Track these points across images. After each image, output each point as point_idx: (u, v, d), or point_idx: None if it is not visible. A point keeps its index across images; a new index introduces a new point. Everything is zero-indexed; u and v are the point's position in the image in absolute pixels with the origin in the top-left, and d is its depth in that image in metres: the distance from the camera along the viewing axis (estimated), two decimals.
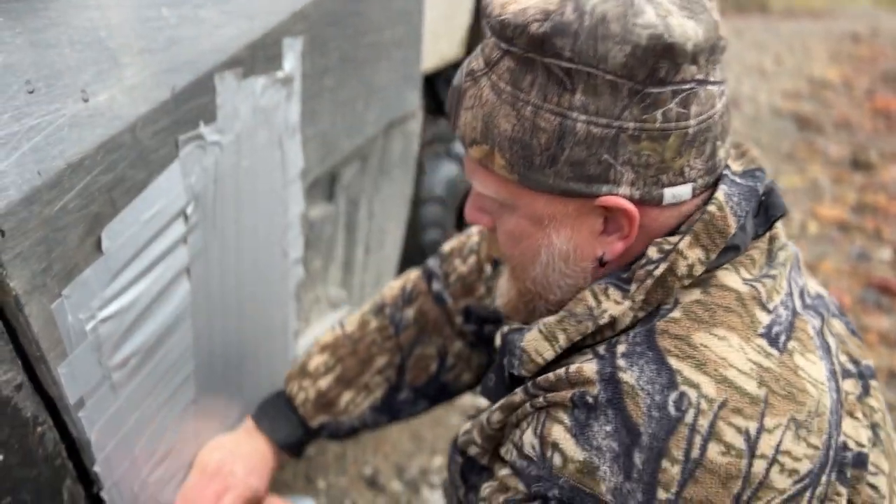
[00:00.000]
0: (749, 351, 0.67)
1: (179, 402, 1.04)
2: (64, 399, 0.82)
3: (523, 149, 0.69)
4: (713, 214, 0.70)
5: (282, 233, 1.22)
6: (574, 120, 0.67)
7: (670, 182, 0.69)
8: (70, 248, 0.78)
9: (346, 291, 1.70)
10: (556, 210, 0.72)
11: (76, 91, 0.78)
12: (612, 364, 0.69)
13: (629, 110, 0.66)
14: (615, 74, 0.65)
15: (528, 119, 0.68)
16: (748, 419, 0.64)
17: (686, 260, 0.70)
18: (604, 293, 0.73)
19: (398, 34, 1.50)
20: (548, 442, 0.70)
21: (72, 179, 0.77)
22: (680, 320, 0.69)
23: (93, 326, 0.84)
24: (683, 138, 0.67)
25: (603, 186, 0.69)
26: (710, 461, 0.63)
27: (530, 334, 0.75)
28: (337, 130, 1.34)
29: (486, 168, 0.74)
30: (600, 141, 0.66)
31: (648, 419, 0.65)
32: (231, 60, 0.99)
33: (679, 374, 0.66)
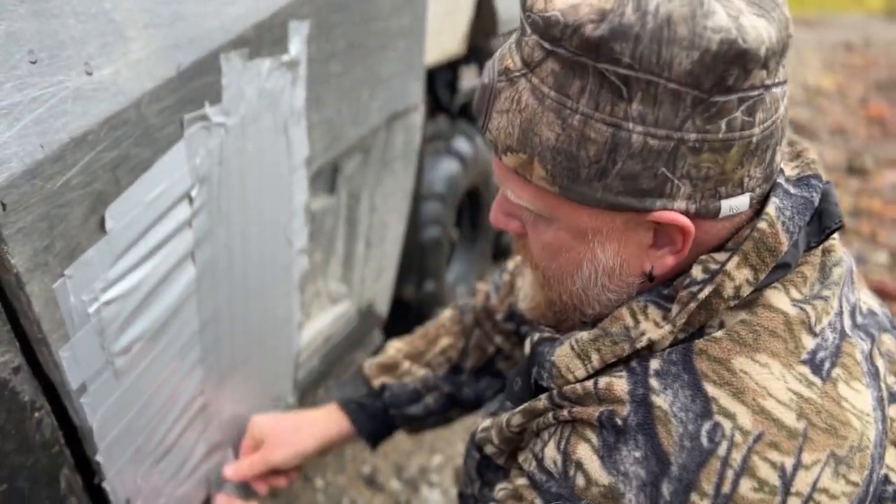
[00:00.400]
0: (790, 380, 0.63)
1: (185, 391, 1.01)
2: (66, 384, 0.79)
3: (568, 160, 0.62)
4: (764, 232, 0.64)
5: (287, 221, 1.19)
6: (629, 131, 0.60)
7: (728, 194, 0.63)
8: (73, 226, 0.76)
9: (347, 286, 1.67)
10: (603, 224, 0.66)
11: (80, 63, 0.76)
12: (645, 384, 0.64)
13: (691, 121, 0.59)
14: (679, 83, 0.58)
15: (576, 129, 0.61)
16: (784, 454, 0.60)
17: (733, 282, 0.64)
18: (643, 312, 0.67)
19: (403, 23, 1.48)
20: (572, 459, 0.66)
21: (75, 154, 0.74)
22: (721, 340, 0.64)
23: (96, 309, 0.81)
24: (747, 148, 0.61)
25: (657, 201, 0.62)
26: (741, 497, 0.59)
27: (562, 349, 0.71)
28: (342, 118, 1.32)
29: (523, 178, 0.67)
30: (657, 154, 0.60)
31: (680, 448, 0.61)
32: (237, 40, 0.96)
33: (715, 402, 0.61)
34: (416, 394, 1.10)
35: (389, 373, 1.12)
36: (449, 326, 1.14)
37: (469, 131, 2.42)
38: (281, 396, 1.32)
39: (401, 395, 1.10)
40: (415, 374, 1.11)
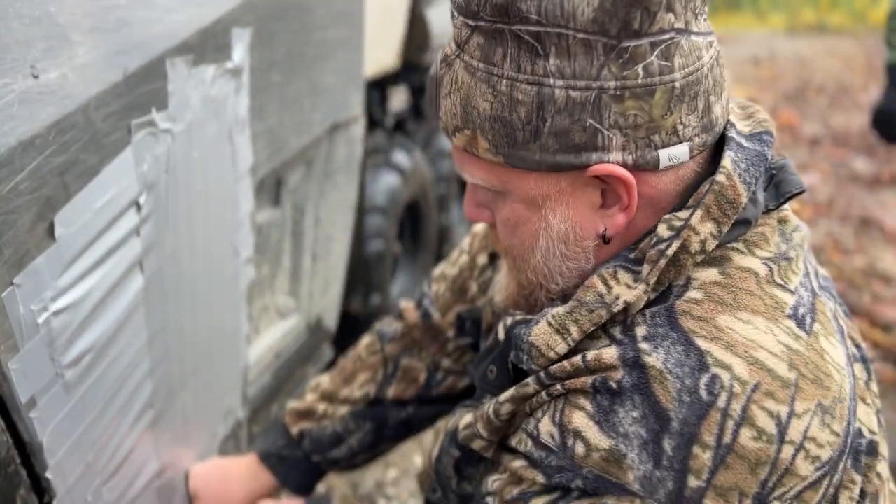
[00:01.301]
0: (778, 332, 0.64)
1: (135, 405, 0.98)
2: (15, 398, 0.76)
3: (504, 126, 0.65)
4: (722, 185, 0.66)
5: (233, 230, 1.18)
6: (552, 87, 0.62)
7: (664, 143, 0.64)
8: (21, 232, 0.73)
9: (295, 300, 1.65)
10: (549, 188, 0.68)
11: (25, 66, 0.74)
12: (635, 348, 0.64)
13: (607, 68, 0.61)
14: (587, 32, 0.61)
15: (505, 93, 0.64)
16: (780, 403, 0.61)
17: (699, 236, 0.65)
18: (613, 277, 0.68)
19: (342, 34, 1.49)
20: (568, 430, 0.66)
21: (23, 159, 0.72)
22: (702, 302, 0.65)
23: (45, 319, 0.78)
24: (671, 93, 0.63)
25: (592, 154, 0.64)
26: (741, 447, 0.60)
27: (539, 328, 0.70)
28: (284, 128, 1.32)
29: (472, 154, 0.69)
30: (582, 105, 0.62)
31: (679, 404, 0.61)
32: (182, 46, 0.96)
33: (709, 355, 0.62)
34: (336, 437, 1.07)
35: (307, 418, 1.08)
36: (366, 358, 1.09)
37: (407, 145, 2.45)
38: (231, 410, 1.29)
39: (321, 440, 1.07)
40: (334, 416, 1.07)
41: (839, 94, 7.45)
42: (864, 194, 4.43)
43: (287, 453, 1.08)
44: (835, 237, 3.77)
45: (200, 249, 1.09)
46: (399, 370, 1.07)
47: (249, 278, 1.28)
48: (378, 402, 1.07)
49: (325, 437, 1.07)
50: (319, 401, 1.09)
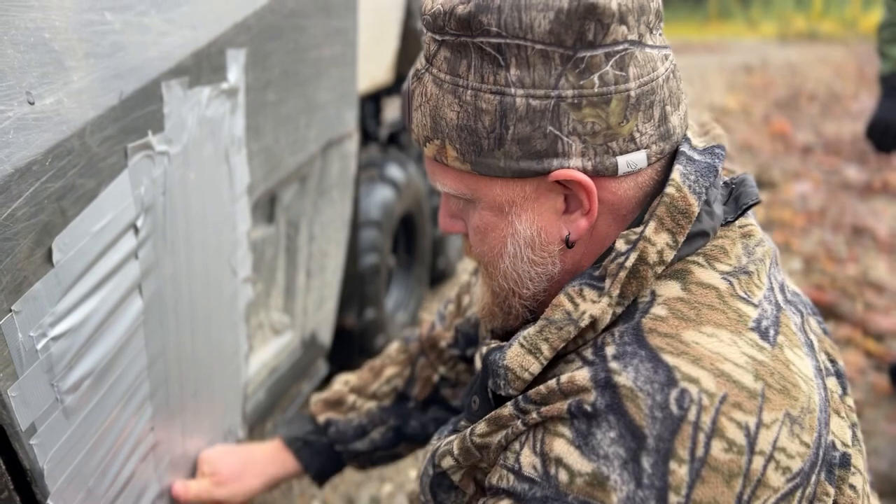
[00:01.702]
0: (742, 344, 0.65)
1: (136, 429, 0.98)
2: (14, 425, 0.76)
3: (470, 135, 0.69)
4: (672, 196, 0.69)
5: (231, 250, 1.18)
6: (513, 96, 0.66)
7: (622, 150, 0.68)
8: (19, 258, 0.73)
9: (289, 317, 1.65)
10: (515, 194, 0.71)
11: (21, 93, 0.74)
12: (605, 368, 0.65)
13: (564, 78, 0.65)
14: (544, 43, 0.64)
15: (470, 103, 0.68)
16: (748, 414, 0.62)
17: (655, 246, 0.68)
18: (579, 295, 0.70)
19: (336, 52, 1.49)
20: (550, 458, 0.66)
21: (20, 185, 0.72)
22: (667, 319, 0.67)
23: (44, 345, 0.78)
24: (626, 101, 0.66)
25: (553, 161, 0.67)
26: (714, 459, 0.61)
27: (511, 351, 0.71)
28: (280, 146, 1.32)
29: (442, 164, 0.73)
30: (542, 113, 0.66)
31: (652, 420, 0.62)
32: (177, 69, 0.96)
33: (677, 370, 0.63)
34: (361, 429, 1.11)
35: (335, 408, 1.12)
36: (394, 356, 1.15)
37: (401, 158, 2.45)
38: (231, 430, 1.29)
39: (346, 431, 1.11)
40: (360, 409, 1.11)
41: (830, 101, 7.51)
42: (856, 202, 4.45)
43: (312, 439, 1.11)
44: (827, 246, 3.79)
45: (199, 270, 1.09)
46: (416, 368, 1.13)
47: (248, 298, 1.28)
48: (404, 398, 1.12)
49: (351, 428, 1.11)
50: (349, 393, 1.13)
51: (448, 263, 3.15)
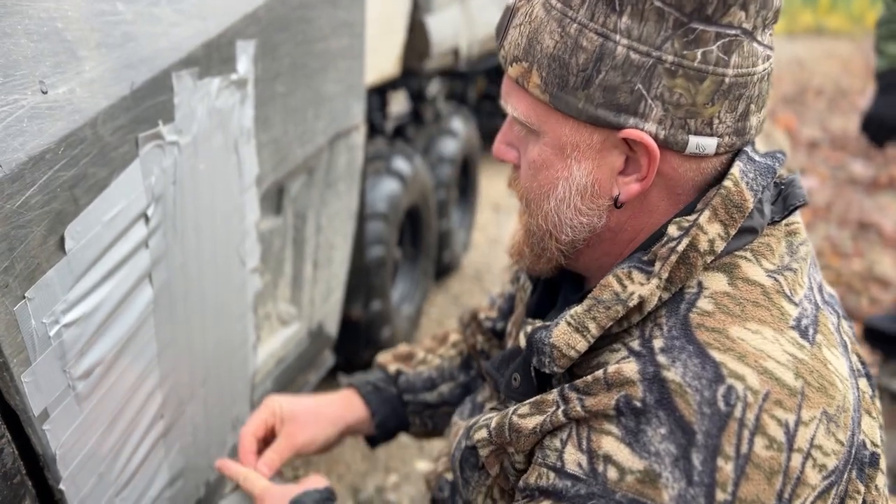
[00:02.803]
0: (784, 342, 0.66)
1: (145, 416, 0.99)
2: (27, 410, 0.77)
3: (561, 67, 0.69)
4: (729, 189, 0.69)
5: (240, 240, 1.19)
6: (615, 42, 0.66)
7: (697, 130, 0.68)
8: (33, 246, 0.74)
9: (296, 308, 1.66)
10: (581, 139, 0.71)
11: (34, 82, 0.75)
12: (653, 362, 0.65)
13: (670, 42, 0.65)
14: (664, 2, 0.65)
15: (572, 37, 0.68)
16: (788, 411, 0.63)
17: (706, 235, 0.69)
18: (627, 277, 0.70)
19: (343, 44, 1.50)
20: (598, 455, 0.65)
21: (34, 173, 0.73)
22: (713, 314, 0.67)
23: (56, 332, 0.79)
24: (718, 86, 0.67)
25: (630, 118, 0.68)
26: (756, 455, 0.61)
27: (558, 329, 0.72)
28: (289, 138, 1.33)
29: (521, 87, 0.73)
30: (636, 69, 0.66)
31: (701, 416, 0.62)
32: (187, 59, 0.97)
33: (724, 366, 0.63)
34: (430, 381, 1.11)
35: (405, 361, 1.13)
36: (456, 328, 1.18)
37: (407, 151, 2.45)
38: (239, 419, 1.30)
39: (416, 382, 1.11)
40: (430, 363, 1.13)
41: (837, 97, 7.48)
42: (862, 198, 4.44)
43: (383, 385, 1.10)
44: (833, 241, 3.78)
45: (208, 260, 1.09)
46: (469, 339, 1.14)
47: (256, 288, 1.29)
48: (466, 364, 1.13)
49: (420, 380, 1.11)
50: (421, 349, 1.15)
51: (453, 257, 3.15)
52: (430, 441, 2.25)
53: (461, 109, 3.25)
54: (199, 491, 1.20)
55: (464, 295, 3.20)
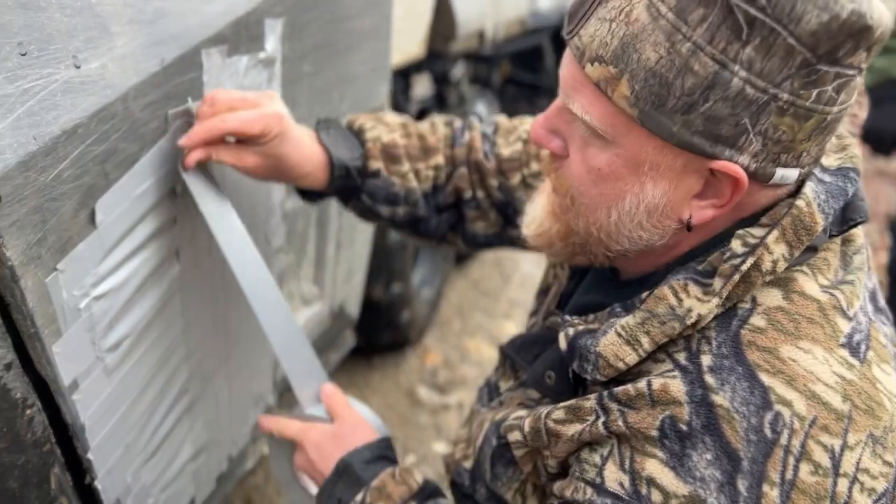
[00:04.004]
0: (833, 363, 0.64)
1: (171, 390, 1.00)
2: (58, 380, 0.79)
3: (661, 86, 0.61)
4: (801, 210, 0.66)
5: (265, 219, 1.20)
6: (732, 73, 0.60)
7: (785, 163, 0.64)
8: (64, 219, 0.75)
9: (319, 288, 1.67)
10: (663, 160, 0.65)
11: (68, 56, 0.76)
12: (701, 383, 0.64)
13: (790, 80, 0.60)
14: (798, 41, 0.59)
15: (682, 56, 0.60)
16: (833, 436, 0.62)
17: (771, 255, 0.65)
18: (684, 290, 0.67)
19: (370, 24, 1.49)
20: (641, 477, 0.64)
21: (66, 147, 0.74)
22: (766, 331, 0.65)
23: (86, 304, 0.81)
24: (820, 123, 0.63)
25: (726, 150, 0.63)
26: (801, 481, 0.60)
27: (607, 339, 0.69)
28: (314, 117, 1.32)
29: (601, 92, 0.65)
30: (748, 103, 0.60)
31: (747, 443, 0.61)
32: (216, 37, 0.97)
33: (772, 391, 0.62)
34: (395, 197, 1.05)
35: (389, 161, 1.04)
36: (443, 147, 1.08)
37: None
38: (262, 395, 1.31)
39: (380, 192, 1.04)
40: (406, 180, 1.04)
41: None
42: (891, 190, 4.37)
43: (352, 170, 1.01)
44: None
45: None
46: (455, 174, 1.07)
47: (280, 267, 1.30)
48: (435, 192, 1.07)
49: (387, 192, 1.04)
50: (407, 157, 1.05)
51: None
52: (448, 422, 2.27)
53: (485, 93, 3.24)
54: (221, 465, 1.22)
55: (483, 280, 3.20)
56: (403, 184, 1.04)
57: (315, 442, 0.89)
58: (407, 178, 1.04)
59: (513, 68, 4.23)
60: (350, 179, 1.02)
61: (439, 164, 1.07)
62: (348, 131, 1.06)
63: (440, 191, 1.07)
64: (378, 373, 2.47)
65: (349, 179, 1.02)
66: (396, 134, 1.05)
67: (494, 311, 2.99)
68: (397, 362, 2.54)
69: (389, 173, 1.04)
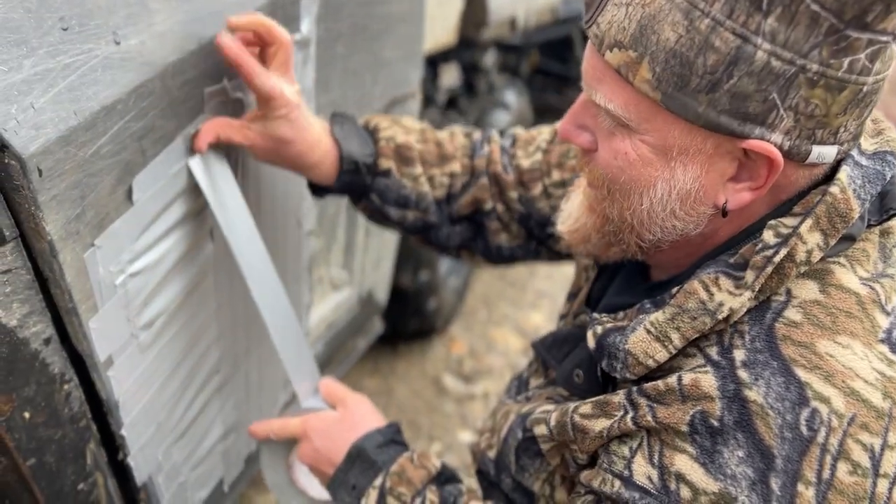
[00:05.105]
0: (873, 359, 0.62)
1: (203, 370, 1.00)
2: (94, 356, 0.79)
3: (682, 66, 0.59)
4: (835, 197, 0.63)
5: (297, 202, 1.19)
6: (756, 46, 0.57)
7: (822, 140, 0.61)
8: (102, 195, 0.75)
9: (348, 273, 1.67)
10: (691, 143, 0.63)
11: (108, 32, 0.76)
12: (734, 378, 0.62)
13: (818, 50, 0.57)
14: (822, 6, 0.56)
15: (702, 33, 0.58)
16: (874, 435, 0.59)
17: (805, 245, 0.63)
18: (715, 284, 0.65)
19: (404, 9, 1.48)
20: (670, 472, 0.63)
21: (105, 123, 0.74)
22: (802, 325, 0.63)
23: (122, 281, 0.81)
24: (856, 95, 0.60)
25: (756, 128, 0.60)
26: (839, 481, 0.58)
27: (636, 335, 0.67)
28: (347, 101, 1.32)
29: (622, 78, 0.63)
30: (775, 77, 0.58)
31: (781, 441, 0.59)
32: None
33: (809, 387, 0.60)
34: (405, 200, 1.02)
35: (402, 163, 1.02)
36: (461, 155, 1.06)
37: (459, 123, 2.44)
38: None
39: (391, 193, 1.01)
40: (419, 184, 1.02)
41: None
42: None
43: (362, 167, 0.99)
44: None
45: (266, 219, 1.10)
46: (475, 184, 1.04)
47: (311, 250, 1.30)
48: (449, 200, 1.05)
49: (398, 194, 1.02)
50: (421, 161, 1.03)
51: None
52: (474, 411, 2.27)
53: (515, 82, 3.21)
54: (250, 446, 1.23)
55: (510, 270, 3.18)
56: (415, 187, 1.02)
57: (320, 429, 0.88)
58: (419, 181, 1.03)
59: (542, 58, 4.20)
60: (359, 176, 1.00)
61: (455, 171, 1.05)
62: (363, 129, 1.04)
63: (455, 199, 1.05)
64: (404, 361, 2.47)
65: (358, 175, 1.00)
66: (412, 137, 1.04)
67: (521, 302, 2.98)
68: (423, 350, 2.54)
69: (401, 175, 1.02)
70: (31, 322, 0.72)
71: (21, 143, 0.64)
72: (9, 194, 0.66)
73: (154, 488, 0.96)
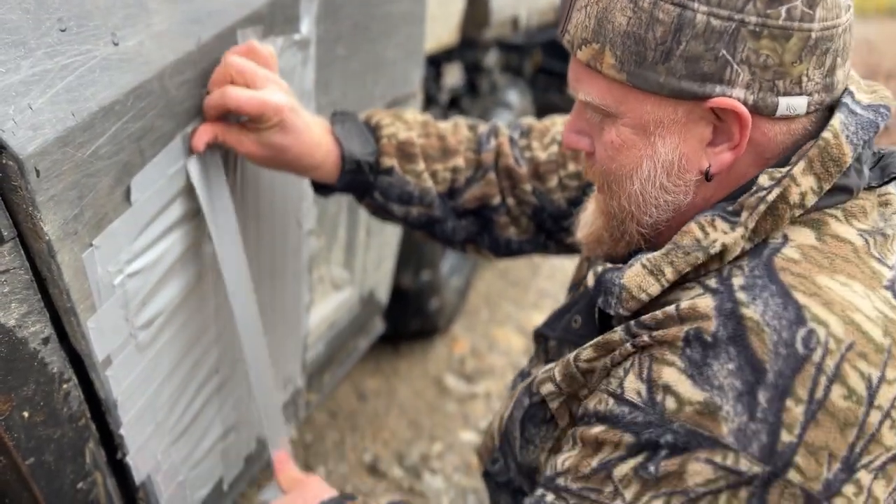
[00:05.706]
0: (875, 300, 0.64)
1: (202, 369, 1.01)
2: (92, 355, 0.79)
3: (636, 44, 0.66)
4: (828, 141, 0.67)
5: (297, 202, 1.20)
6: (694, 11, 0.63)
7: (786, 91, 0.65)
8: (100, 195, 0.76)
9: (349, 273, 1.67)
10: (665, 115, 0.68)
11: (106, 33, 0.76)
12: (732, 298, 0.64)
13: (753, 3, 0.62)
14: None
15: (646, 11, 0.65)
16: (872, 366, 0.61)
17: (799, 187, 0.66)
18: (710, 224, 0.68)
19: (405, 9, 1.48)
20: (657, 385, 0.65)
21: (104, 124, 0.74)
22: (799, 262, 0.65)
23: (120, 281, 0.81)
24: (805, 42, 0.63)
25: (717, 87, 0.65)
26: (832, 404, 0.60)
27: (631, 270, 0.70)
28: (347, 102, 1.32)
29: (594, 70, 0.70)
30: (719, 35, 0.63)
31: (775, 356, 0.61)
32: (252, 16, 0.97)
33: (807, 309, 0.62)
34: (408, 197, 1.03)
35: (404, 160, 1.02)
36: (465, 149, 1.07)
37: None
38: (291, 378, 1.32)
39: (394, 190, 1.02)
40: (422, 180, 1.03)
41: None
42: None
43: (364, 165, 1.00)
44: None
45: (266, 220, 1.11)
46: (483, 180, 1.05)
47: (311, 250, 1.30)
48: (452, 195, 1.06)
49: (401, 191, 1.03)
50: (423, 156, 1.04)
51: None
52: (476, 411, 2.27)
53: (517, 82, 3.21)
54: (249, 446, 1.23)
55: (512, 270, 3.18)
56: (418, 183, 1.03)
57: None
58: (422, 177, 1.04)
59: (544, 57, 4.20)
60: (361, 175, 1.01)
61: (458, 166, 1.06)
62: (364, 126, 1.05)
63: (459, 194, 1.06)
64: (405, 361, 2.48)
65: (360, 175, 1.01)
66: (414, 132, 1.05)
67: (523, 302, 2.98)
68: (425, 350, 2.54)
69: (404, 171, 1.03)
70: (29, 322, 0.72)
71: (19, 144, 0.65)
72: (7, 195, 0.67)
73: (153, 487, 0.96)
